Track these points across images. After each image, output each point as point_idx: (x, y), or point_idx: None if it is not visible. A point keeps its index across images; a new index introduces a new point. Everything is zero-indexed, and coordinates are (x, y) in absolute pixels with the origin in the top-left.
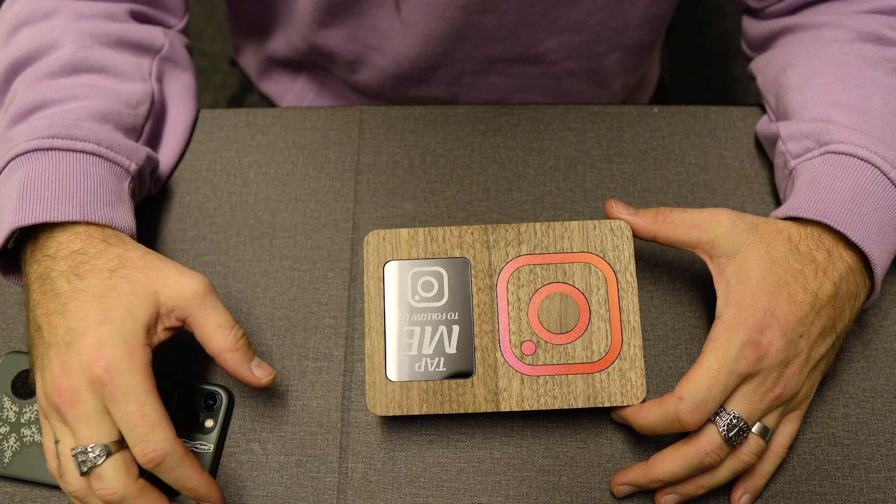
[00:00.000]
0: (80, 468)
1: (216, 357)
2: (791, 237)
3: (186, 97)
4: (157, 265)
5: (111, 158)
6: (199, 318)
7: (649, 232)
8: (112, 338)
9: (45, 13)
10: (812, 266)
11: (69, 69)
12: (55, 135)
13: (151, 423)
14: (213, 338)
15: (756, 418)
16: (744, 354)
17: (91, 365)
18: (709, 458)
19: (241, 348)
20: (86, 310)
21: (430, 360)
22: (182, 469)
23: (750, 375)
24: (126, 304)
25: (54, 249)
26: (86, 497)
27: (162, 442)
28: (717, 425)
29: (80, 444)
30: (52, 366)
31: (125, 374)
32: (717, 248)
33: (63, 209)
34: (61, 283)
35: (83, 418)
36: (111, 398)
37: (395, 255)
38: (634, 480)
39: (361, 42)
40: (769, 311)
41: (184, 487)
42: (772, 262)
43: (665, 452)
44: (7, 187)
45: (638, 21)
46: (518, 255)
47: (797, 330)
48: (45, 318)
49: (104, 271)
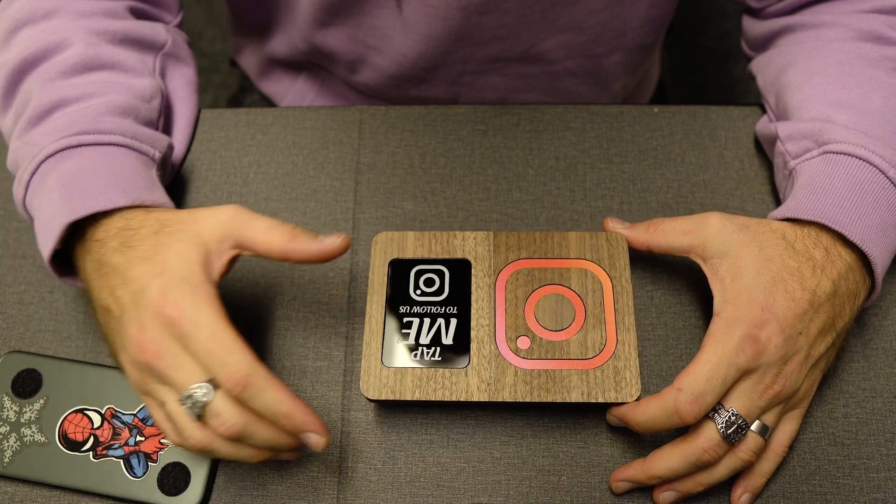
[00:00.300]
0: (193, 412)
1: (286, 255)
2: (786, 236)
3: (190, 91)
4: (190, 212)
5: (137, 148)
6: (247, 232)
7: (644, 243)
8: (172, 282)
9: (45, 13)
10: (809, 264)
11: (81, 67)
12: (81, 131)
13: (226, 346)
14: (270, 241)
15: (755, 416)
16: (742, 348)
17: (160, 310)
18: (707, 455)
19: (300, 233)
20: (142, 270)
21: (427, 349)
22: (270, 391)
23: (748, 371)
24: (175, 252)
25: (102, 234)
26: (211, 443)
27: (241, 362)
28: (716, 422)
29: (182, 389)
30: (129, 330)
31: (192, 308)
32: (708, 249)
33: (110, 196)
34: (116, 258)
35: (174, 365)
36: (185, 334)
37: (402, 255)
38: (633, 477)
39: (362, 42)
40: (767, 307)
41: (276, 414)
42: (766, 260)
43: (664, 449)
44: (42, 190)
45: (639, 22)
46: (518, 259)
47: (796, 326)
48: (110, 296)
49: (149, 236)
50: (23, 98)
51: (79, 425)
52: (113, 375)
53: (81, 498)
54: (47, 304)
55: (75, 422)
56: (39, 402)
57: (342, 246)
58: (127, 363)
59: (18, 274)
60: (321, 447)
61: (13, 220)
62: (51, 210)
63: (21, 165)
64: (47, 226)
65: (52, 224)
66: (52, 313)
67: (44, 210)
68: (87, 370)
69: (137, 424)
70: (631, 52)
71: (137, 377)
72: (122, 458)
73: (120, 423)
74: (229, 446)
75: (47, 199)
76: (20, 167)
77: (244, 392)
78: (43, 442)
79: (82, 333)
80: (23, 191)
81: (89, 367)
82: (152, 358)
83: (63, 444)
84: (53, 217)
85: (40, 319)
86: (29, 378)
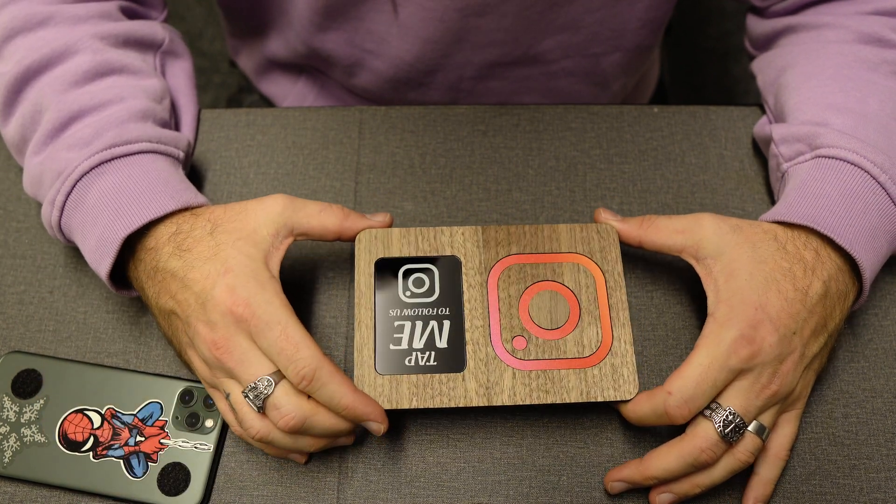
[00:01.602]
0: (255, 404)
1: (341, 233)
2: (778, 237)
3: (190, 87)
4: (240, 208)
5: (164, 151)
6: (301, 219)
7: (635, 237)
8: (240, 279)
9: (40, 20)
10: (801, 265)
11: (92, 74)
12: (111, 144)
13: (296, 343)
14: (325, 222)
15: (752, 415)
16: (735, 350)
17: (231, 308)
18: (704, 454)
19: (350, 212)
20: (205, 271)
21: (421, 354)
22: (334, 385)
23: (744, 372)
24: (237, 250)
25: (153, 242)
26: (269, 435)
27: (309, 358)
28: (713, 421)
29: (247, 382)
30: (199, 329)
31: (263, 305)
32: (702, 250)
33: (159, 203)
34: (173, 263)
35: (242, 360)
36: (256, 330)
37: (387, 253)
38: (629, 477)
39: (359, 46)
40: (760, 307)
41: (338, 405)
42: (759, 262)
43: (660, 449)
44: (83, 209)
45: (637, 24)
46: (508, 255)
47: (790, 326)
48: (172, 301)
49: (204, 237)
50: (31, 108)
51: (79, 425)
52: (113, 375)
53: (81, 498)
54: (47, 304)
55: (75, 422)
56: (39, 403)
57: (388, 222)
58: (195, 359)
59: (18, 274)
60: (381, 433)
61: (13, 220)
62: (99, 228)
63: (46, 183)
64: (101, 243)
65: (105, 241)
66: (52, 313)
67: (90, 229)
68: (87, 370)
69: (137, 424)
70: (630, 53)
71: (207, 372)
72: (122, 458)
73: (120, 424)
74: (287, 437)
75: (92, 218)
76: (45, 185)
77: (310, 385)
78: (43, 442)
79: (82, 333)
80: (58, 213)
81: (89, 367)
82: (224, 354)
83: (63, 444)
84: (105, 233)
85: (40, 319)
86: (29, 378)
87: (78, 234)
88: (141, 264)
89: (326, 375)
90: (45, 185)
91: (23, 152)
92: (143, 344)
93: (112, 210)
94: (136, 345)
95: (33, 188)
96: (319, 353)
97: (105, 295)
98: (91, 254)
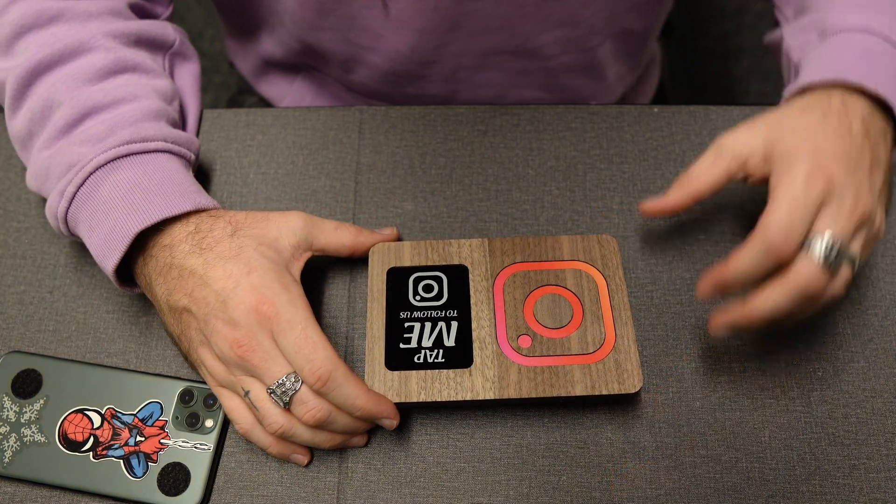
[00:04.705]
0: (283, 400)
1: (355, 249)
2: (805, 96)
3: (195, 89)
4: (262, 217)
5: (177, 152)
6: (319, 235)
7: (689, 196)
8: (264, 280)
9: (51, 16)
10: (833, 111)
11: (106, 72)
12: (127, 140)
13: (314, 344)
14: (341, 239)
15: (848, 239)
16: (811, 182)
17: (257, 307)
18: (812, 285)
19: (361, 229)
20: (228, 270)
21: (429, 352)
22: (348, 386)
23: (826, 202)
24: (260, 253)
25: (168, 239)
26: (290, 430)
27: (326, 360)
28: (814, 249)
29: (274, 379)
30: (219, 328)
31: (287, 305)
32: (739, 151)
33: (176, 202)
34: (192, 260)
35: (268, 357)
36: (278, 330)
37: (399, 263)
38: (734, 321)
39: (354, 42)
40: (816, 149)
41: (353, 406)
42: (802, 111)
43: (763, 290)
44: (94, 202)
45: (626, 7)
46: (513, 262)
47: (849, 160)
48: (187, 298)
49: (225, 238)
50: (41, 103)
51: (79, 425)
52: (113, 375)
53: (81, 498)
54: (47, 304)
55: (75, 422)
56: (39, 403)
57: (395, 235)
58: (209, 358)
59: (18, 274)
60: (394, 427)
61: (13, 220)
62: (111, 221)
63: (54, 176)
64: (111, 236)
65: (116, 234)
66: (52, 313)
67: (100, 222)
68: (87, 370)
69: (137, 424)
70: (620, 38)
71: (221, 370)
72: (121, 458)
73: (120, 424)
74: (308, 432)
75: (103, 211)
76: (53, 178)
77: (325, 387)
78: (43, 442)
79: (82, 333)
80: (66, 203)
81: (89, 367)
82: (247, 352)
83: (63, 444)
84: (117, 227)
85: (40, 319)
86: (29, 378)
87: (84, 227)
88: (152, 261)
89: (342, 377)
90: (53, 177)
91: (28, 146)
92: (143, 344)
93: (127, 204)
94: (136, 345)
95: (38, 181)
96: (334, 355)
97: (105, 295)
98: (98, 247)
